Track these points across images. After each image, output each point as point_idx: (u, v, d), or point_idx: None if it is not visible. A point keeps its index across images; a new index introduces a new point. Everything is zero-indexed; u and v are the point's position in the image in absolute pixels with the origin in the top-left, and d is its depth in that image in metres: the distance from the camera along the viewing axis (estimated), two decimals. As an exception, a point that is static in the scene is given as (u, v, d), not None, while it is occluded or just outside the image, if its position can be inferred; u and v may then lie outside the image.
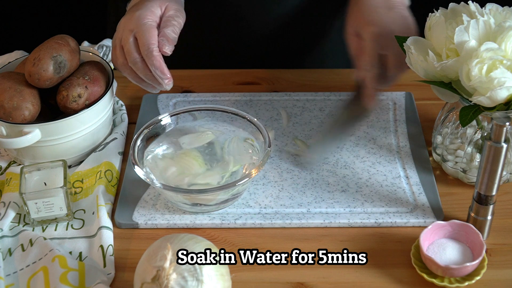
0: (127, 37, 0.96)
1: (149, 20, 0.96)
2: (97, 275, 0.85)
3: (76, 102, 0.98)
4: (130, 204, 0.95)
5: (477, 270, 0.84)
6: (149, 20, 0.96)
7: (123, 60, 0.97)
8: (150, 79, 0.97)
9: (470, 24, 0.87)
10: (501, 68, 0.84)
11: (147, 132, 0.98)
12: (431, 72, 0.91)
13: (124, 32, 0.97)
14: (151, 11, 0.97)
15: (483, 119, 0.95)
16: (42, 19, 2.19)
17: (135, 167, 0.92)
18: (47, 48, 0.97)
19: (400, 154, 1.03)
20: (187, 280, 0.76)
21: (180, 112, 1.01)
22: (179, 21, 0.98)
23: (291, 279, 0.86)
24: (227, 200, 0.93)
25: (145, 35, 0.94)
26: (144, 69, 0.96)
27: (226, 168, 0.95)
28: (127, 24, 0.97)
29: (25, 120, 0.97)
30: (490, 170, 0.84)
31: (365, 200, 0.95)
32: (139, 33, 0.95)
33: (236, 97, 1.14)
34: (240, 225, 0.93)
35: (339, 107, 1.09)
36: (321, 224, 0.92)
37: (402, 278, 0.86)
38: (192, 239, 0.79)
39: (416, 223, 0.92)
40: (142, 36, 0.95)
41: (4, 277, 0.86)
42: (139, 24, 0.96)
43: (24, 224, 0.93)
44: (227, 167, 0.95)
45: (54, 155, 0.99)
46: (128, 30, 0.96)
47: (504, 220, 0.93)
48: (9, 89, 0.96)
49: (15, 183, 0.96)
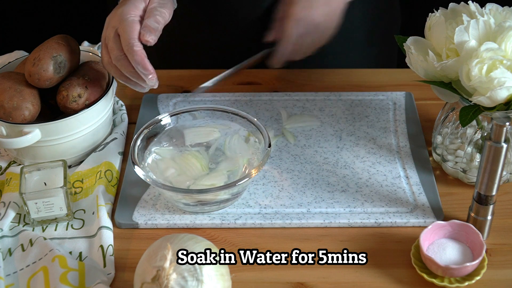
0: (110, 34, 0.94)
1: (131, 16, 0.94)
2: (97, 275, 0.85)
3: (76, 102, 0.98)
4: (130, 204, 0.95)
5: (477, 270, 0.84)
6: (131, 15, 0.94)
7: (108, 58, 0.96)
8: (134, 77, 0.95)
9: (470, 24, 0.87)
10: (501, 68, 0.84)
11: (147, 132, 0.98)
12: (431, 72, 0.91)
13: (108, 29, 0.95)
14: (135, 6, 0.95)
15: (483, 119, 0.95)
16: (42, 19, 2.19)
17: (135, 167, 0.92)
18: (47, 48, 0.97)
19: (400, 154, 1.03)
20: (187, 280, 0.76)
21: (180, 112, 1.01)
22: (162, 11, 0.96)
23: (291, 279, 0.86)
24: (227, 200, 0.93)
25: (127, 30, 0.92)
26: (127, 66, 0.94)
27: (234, 165, 0.95)
28: (111, 21, 0.96)
29: (25, 120, 0.97)
30: (490, 170, 0.84)
31: (365, 200, 0.95)
32: (120, 29, 0.93)
33: (236, 97, 1.14)
34: (240, 225, 0.93)
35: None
36: (321, 224, 0.92)
37: (402, 278, 0.86)
38: (192, 239, 0.80)
39: (416, 223, 0.92)
40: (123, 32, 0.93)
41: (4, 277, 0.86)
42: (121, 20, 0.94)
43: (24, 224, 0.93)
44: (234, 164, 0.95)
45: (54, 155, 0.99)
46: (111, 27, 0.95)
47: (504, 220, 0.93)
48: (9, 89, 0.96)
49: (15, 183, 0.96)
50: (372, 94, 1.14)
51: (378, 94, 1.14)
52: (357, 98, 1.13)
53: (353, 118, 1.09)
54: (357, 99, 1.13)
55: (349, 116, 1.10)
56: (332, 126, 1.08)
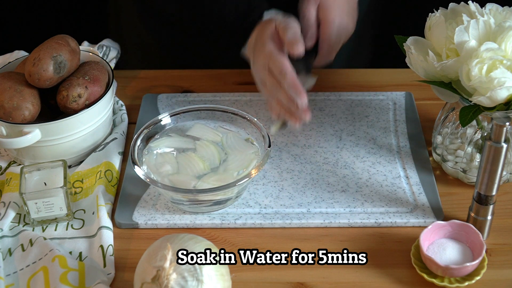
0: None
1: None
2: (97, 275, 0.85)
3: (76, 102, 0.98)
4: (130, 204, 0.95)
5: (477, 270, 0.84)
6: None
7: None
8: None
9: (470, 24, 0.87)
10: (501, 68, 0.84)
11: (147, 132, 0.98)
12: (431, 72, 0.91)
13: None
14: None
15: (483, 119, 0.95)
16: (42, 19, 2.19)
17: (135, 167, 0.92)
18: (47, 48, 0.97)
19: (400, 154, 1.03)
20: (187, 280, 0.76)
21: (180, 112, 1.01)
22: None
23: (291, 279, 0.86)
24: (227, 200, 0.93)
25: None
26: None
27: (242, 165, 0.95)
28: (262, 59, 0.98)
29: (25, 120, 0.97)
30: (490, 170, 0.84)
31: (365, 200, 0.95)
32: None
33: (236, 97, 1.14)
34: (240, 225, 0.93)
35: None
36: (321, 224, 0.92)
37: (402, 278, 0.86)
38: (192, 239, 0.80)
39: (416, 223, 0.92)
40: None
41: (4, 277, 0.86)
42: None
43: (24, 224, 0.93)
44: (242, 164, 0.95)
45: (54, 155, 0.99)
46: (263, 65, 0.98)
47: (504, 220, 0.93)
48: (9, 89, 0.96)
49: (15, 183, 0.96)
50: (372, 94, 1.14)
51: (378, 94, 1.14)
52: (357, 98, 1.13)
53: (353, 118, 1.09)
54: (357, 99, 1.13)
55: (349, 116, 1.10)
56: (332, 126, 1.08)
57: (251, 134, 0.98)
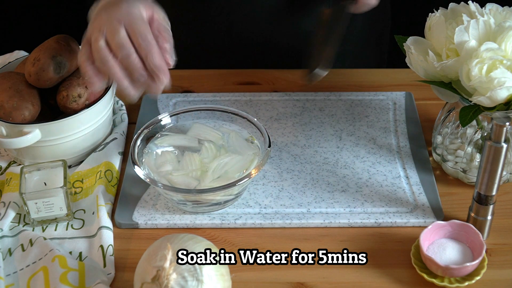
0: (117, 29, 0.88)
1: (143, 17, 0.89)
2: (97, 275, 0.85)
3: (76, 102, 0.98)
4: (130, 204, 0.95)
5: (477, 270, 0.84)
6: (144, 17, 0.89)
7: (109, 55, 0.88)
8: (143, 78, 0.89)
9: (470, 24, 0.87)
10: (501, 68, 0.84)
11: (147, 132, 0.98)
12: (431, 72, 0.91)
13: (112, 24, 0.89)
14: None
15: (483, 119, 0.95)
16: (42, 19, 2.19)
17: (135, 167, 0.92)
18: (47, 48, 0.97)
19: (400, 154, 1.03)
20: (187, 280, 0.76)
21: (180, 112, 1.01)
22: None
23: (291, 279, 0.86)
24: (227, 200, 0.93)
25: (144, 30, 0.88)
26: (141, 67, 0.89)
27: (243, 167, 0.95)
28: (116, 17, 0.89)
29: (25, 120, 0.97)
30: (490, 170, 0.84)
31: (365, 200, 0.95)
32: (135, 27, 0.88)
33: (236, 97, 1.14)
34: (240, 225, 0.93)
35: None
36: (321, 224, 0.92)
37: (402, 278, 0.86)
38: (192, 239, 0.80)
39: (416, 223, 0.92)
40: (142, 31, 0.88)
41: (4, 277, 0.86)
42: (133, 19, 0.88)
43: (24, 224, 0.93)
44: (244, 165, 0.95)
45: (54, 155, 0.99)
46: (117, 21, 0.88)
47: (504, 220, 0.93)
48: (9, 89, 0.96)
49: (15, 183, 0.96)
50: (372, 94, 1.14)
51: (378, 94, 1.14)
52: (357, 98, 1.13)
53: (353, 118, 1.09)
54: (357, 99, 1.13)
55: (349, 116, 1.10)
56: (332, 126, 1.08)
57: (251, 134, 0.98)
